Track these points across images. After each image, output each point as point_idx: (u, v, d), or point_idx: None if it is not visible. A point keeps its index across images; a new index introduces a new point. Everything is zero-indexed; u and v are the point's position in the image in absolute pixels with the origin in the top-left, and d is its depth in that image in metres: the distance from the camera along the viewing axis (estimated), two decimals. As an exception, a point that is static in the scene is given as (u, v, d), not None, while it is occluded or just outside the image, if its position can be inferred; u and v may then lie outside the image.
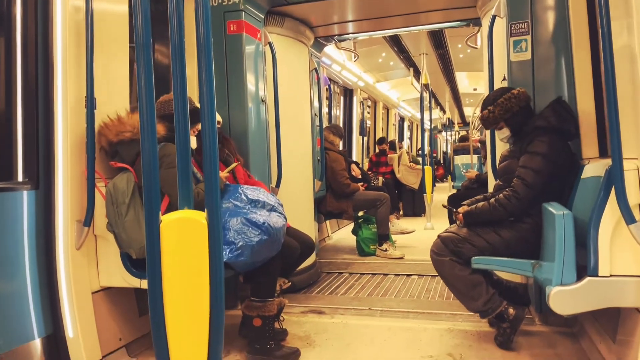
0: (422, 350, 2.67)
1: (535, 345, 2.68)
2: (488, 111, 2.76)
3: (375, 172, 8.18)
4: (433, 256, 2.73)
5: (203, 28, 1.40)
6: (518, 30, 2.95)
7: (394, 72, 9.14)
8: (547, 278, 2.16)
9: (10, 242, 2.23)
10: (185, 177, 1.29)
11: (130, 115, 2.51)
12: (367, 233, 5.33)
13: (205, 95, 1.37)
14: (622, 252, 1.96)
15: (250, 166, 3.40)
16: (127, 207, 2.35)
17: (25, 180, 2.34)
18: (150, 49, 1.41)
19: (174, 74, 1.39)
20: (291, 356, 2.58)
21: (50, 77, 2.35)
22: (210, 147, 1.31)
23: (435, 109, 14.28)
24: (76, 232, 2.39)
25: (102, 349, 2.47)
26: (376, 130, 10.44)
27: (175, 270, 1.30)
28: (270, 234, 2.45)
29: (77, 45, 2.38)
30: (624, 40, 2.10)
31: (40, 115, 2.35)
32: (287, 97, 4.03)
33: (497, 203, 2.58)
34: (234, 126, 3.46)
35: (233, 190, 2.62)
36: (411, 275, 4.37)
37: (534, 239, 2.55)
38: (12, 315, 2.22)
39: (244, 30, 3.41)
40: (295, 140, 4.22)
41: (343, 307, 3.50)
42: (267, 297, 2.58)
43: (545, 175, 2.49)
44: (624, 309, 2.11)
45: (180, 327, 1.33)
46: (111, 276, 2.52)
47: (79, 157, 2.40)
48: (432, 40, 7.17)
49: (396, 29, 5.07)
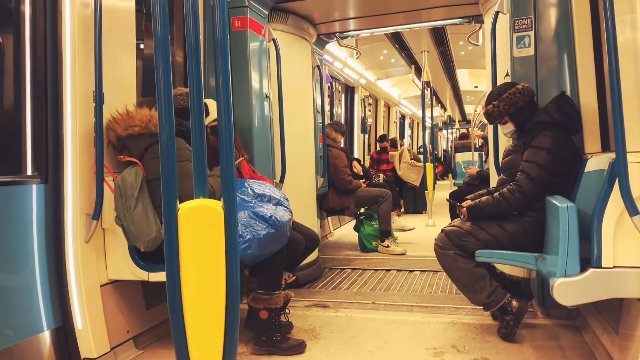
0: (426, 342, 2.70)
1: (537, 337, 2.71)
2: (493, 106, 2.79)
3: (376, 169, 8.21)
4: (437, 249, 2.76)
5: (220, 26, 1.42)
6: (521, 26, 2.98)
7: (396, 70, 9.16)
8: (551, 270, 2.19)
9: (19, 236, 2.26)
10: (201, 168, 1.32)
11: (139, 109, 2.54)
12: (369, 229, 5.36)
13: (221, 90, 1.41)
14: (625, 243, 1.98)
15: (255, 162, 3.43)
16: (135, 200, 2.37)
17: (35, 174, 2.36)
18: (168, 44, 1.43)
19: (190, 69, 1.42)
20: (297, 348, 2.61)
21: (59, 72, 2.37)
22: (225, 137, 1.34)
23: (436, 107, 14.31)
24: (85, 225, 2.41)
25: (110, 341, 2.50)
26: (377, 128, 10.46)
27: (192, 258, 1.33)
28: (277, 227, 2.48)
29: (86, 40, 2.40)
30: (627, 36, 2.13)
31: (49, 110, 2.37)
32: (290, 94, 4.05)
33: (501, 197, 2.61)
34: (239, 122, 3.48)
35: (239, 185, 2.64)
36: (413, 271, 4.40)
37: (537, 233, 2.58)
38: (22, 307, 2.25)
39: (248, 27, 3.43)
40: (298, 137, 4.24)
41: (347, 301, 3.53)
42: (274, 290, 2.61)
43: (549, 170, 2.52)
44: (626, 301, 2.14)
45: (198, 314, 1.36)
46: (119, 269, 2.55)
47: (87, 151, 2.42)
48: (433, 38, 7.19)
49: (398, 26, 5.09)
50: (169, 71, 1.40)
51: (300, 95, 4.35)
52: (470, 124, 11.54)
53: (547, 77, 2.94)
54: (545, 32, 2.94)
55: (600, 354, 2.38)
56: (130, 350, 2.64)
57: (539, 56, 2.97)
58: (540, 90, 2.94)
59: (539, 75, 2.96)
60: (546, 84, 2.94)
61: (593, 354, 2.44)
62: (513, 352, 2.52)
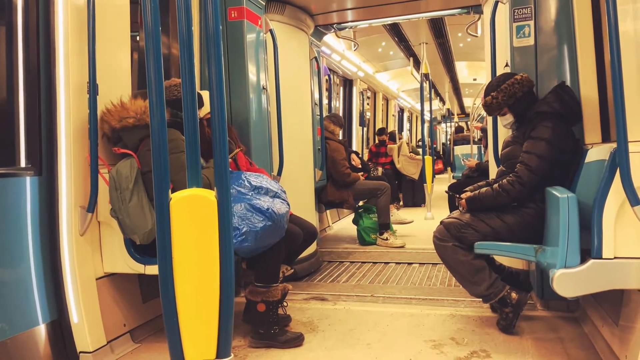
0: (425, 334, 2.69)
1: (537, 329, 2.70)
2: (491, 97, 2.76)
3: (375, 162, 8.18)
4: (436, 242, 2.73)
5: (212, 18, 1.39)
6: (521, 15, 2.94)
7: (394, 62, 9.12)
8: (551, 262, 2.16)
9: (13, 228, 2.23)
10: (194, 157, 1.30)
11: (133, 101, 2.50)
12: (368, 222, 5.34)
13: (214, 80, 1.38)
14: (626, 234, 1.96)
15: (252, 154, 3.40)
16: (130, 192, 2.34)
17: (28, 166, 2.33)
18: (159, 36, 1.40)
19: (182, 61, 1.40)
20: (295, 341, 2.59)
21: (52, 63, 2.34)
22: (219, 125, 1.31)
23: (435, 100, 14.26)
24: (80, 218, 2.39)
25: (106, 335, 2.48)
26: (376, 121, 10.43)
27: (185, 248, 1.30)
28: (274, 220, 2.45)
29: (79, 30, 2.37)
30: (628, 26, 2.10)
31: (42, 101, 2.34)
32: (288, 86, 4.01)
33: (500, 188, 2.59)
34: (236, 115, 3.45)
35: (236, 177, 2.61)
36: (412, 264, 4.39)
37: (537, 224, 2.55)
38: (17, 301, 2.22)
39: (245, 17, 3.39)
40: (296, 129, 4.21)
41: (345, 294, 3.51)
42: (272, 283, 2.59)
43: (549, 161, 2.49)
44: (627, 292, 2.12)
45: (191, 305, 1.33)
46: (115, 262, 2.53)
47: (81, 143, 2.39)
48: (432, 29, 7.14)
49: (396, 17, 5.04)
50: (159, 61, 1.37)
51: (297, 87, 4.31)
52: (469, 117, 11.50)
53: (547, 67, 2.91)
54: (545, 21, 2.91)
55: (600, 345, 2.36)
56: (127, 343, 2.62)
57: (539, 46, 2.94)
58: (540, 81, 2.91)
59: (539, 66, 2.93)
60: (546, 74, 2.91)
61: (593, 346, 2.43)
62: (512, 344, 2.51)
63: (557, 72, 2.87)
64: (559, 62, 2.87)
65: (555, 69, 2.88)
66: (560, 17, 2.86)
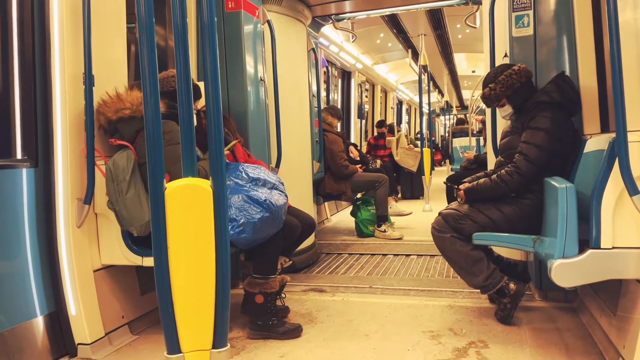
0: (423, 325, 2.69)
1: (535, 320, 2.70)
2: (489, 89, 2.74)
3: (373, 155, 8.17)
4: (434, 233, 2.73)
5: (207, 7, 1.37)
6: (520, 4, 2.92)
7: (392, 54, 9.08)
8: (549, 252, 2.16)
9: (10, 221, 2.22)
10: (189, 147, 1.29)
11: (129, 92, 2.48)
12: (366, 214, 5.34)
13: (209, 71, 1.37)
14: (624, 224, 1.96)
15: (250, 146, 3.39)
16: (127, 184, 2.33)
17: (24, 158, 2.32)
18: (152, 26, 1.39)
19: (177, 51, 1.38)
20: (293, 332, 2.59)
21: (48, 54, 2.32)
22: (214, 116, 1.30)
23: (434, 92, 14.23)
24: (77, 210, 2.38)
25: (104, 327, 2.48)
26: (374, 113, 10.40)
27: (180, 238, 1.29)
28: (271, 211, 2.44)
29: (74, 21, 2.34)
30: (628, 15, 2.08)
31: (38, 92, 2.32)
32: (285, 77, 3.99)
33: (499, 179, 2.58)
34: (233, 106, 3.43)
35: (234, 169, 2.60)
36: (410, 255, 4.39)
37: (535, 215, 2.55)
38: (14, 293, 2.22)
39: (242, 7, 3.36)
40: (294, 121, 4.19)
41: (344, 286, 3.52)
42: (270, 274, 2.59)
43: (547, 151, 2.48)
44: (624, 282, 2.12)
45: (187, 296, 1.33)
46: (112, 254, 2.52)
47: (78, 135, 2.38)
48: (430, 20, 7.11)
49: (394, 8, 5.01)
50: (154, 51, 1.36)
51: (295, 79, 4.29)
52: (468, 109, 11.48)
53: (547, 57, 2.89)
54: (545, 11, 2.89)
55: (597, 336, 2.37)
56: (125, 335, 2.62)
57: (538, 36, 2.92)
58: (539, 71, 2.89)
59: (538, 56, 2.91)
60: (545, 64, 2.89)
61: (590, 336, 2.43)
62: (510, 335, 2.51)
63: (557, 62, 2.85)
64: (558, 52, 2.85)
65: (554, 59, 2.86)
66: (559, 7, 2.84)
